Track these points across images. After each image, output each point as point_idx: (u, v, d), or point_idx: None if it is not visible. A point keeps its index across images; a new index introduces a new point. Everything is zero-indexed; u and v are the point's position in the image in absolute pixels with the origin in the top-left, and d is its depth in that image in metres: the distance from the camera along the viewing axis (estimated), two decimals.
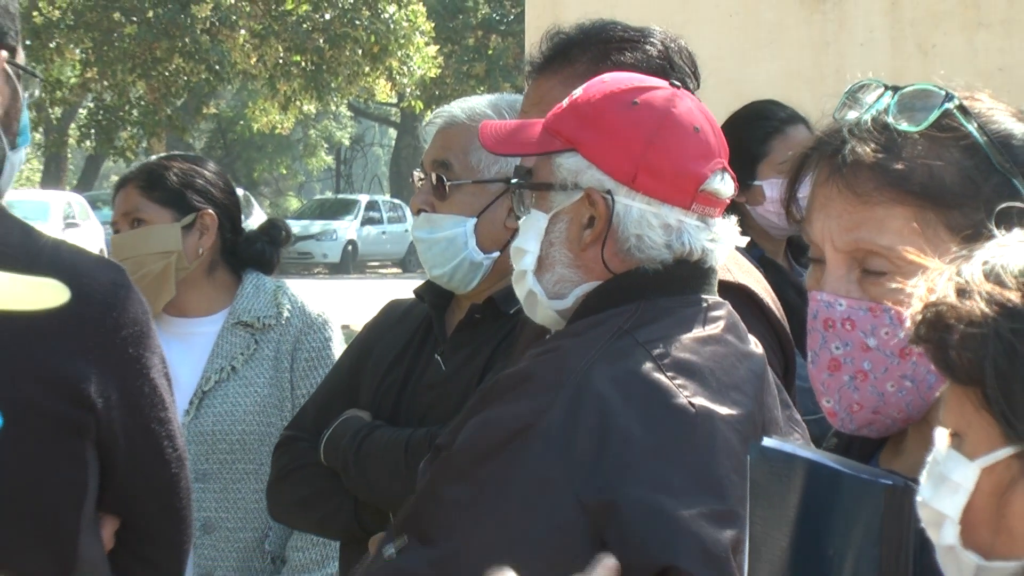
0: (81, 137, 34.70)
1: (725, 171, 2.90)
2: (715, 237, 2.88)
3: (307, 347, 4.55)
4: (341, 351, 4.34)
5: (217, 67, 29.59)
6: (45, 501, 2.43)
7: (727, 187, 2.89)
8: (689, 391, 2.70)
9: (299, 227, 38.05)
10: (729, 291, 3.38)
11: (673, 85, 2.97)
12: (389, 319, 4.04)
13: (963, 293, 1.73)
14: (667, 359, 2.73)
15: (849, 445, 2.24)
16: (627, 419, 2.65)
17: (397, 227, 44.04)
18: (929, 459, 1.79)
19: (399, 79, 31.33)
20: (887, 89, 2.19)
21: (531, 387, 2.73)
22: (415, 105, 34.63)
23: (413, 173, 3.96)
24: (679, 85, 2.98)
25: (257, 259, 4.69)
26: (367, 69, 30.03)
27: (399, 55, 29.84)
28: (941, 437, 1.78)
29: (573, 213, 2.85)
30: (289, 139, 59.52)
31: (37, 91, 3.09)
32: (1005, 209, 1.97)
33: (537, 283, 2.89)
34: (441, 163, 3.76)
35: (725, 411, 2.72)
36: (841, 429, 2.21)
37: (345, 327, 4.77)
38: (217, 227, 4.60)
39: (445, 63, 38.41)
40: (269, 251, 4.73)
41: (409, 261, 42.13)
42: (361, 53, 29.55)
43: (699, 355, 2.77)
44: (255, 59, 30.13)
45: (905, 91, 2.17)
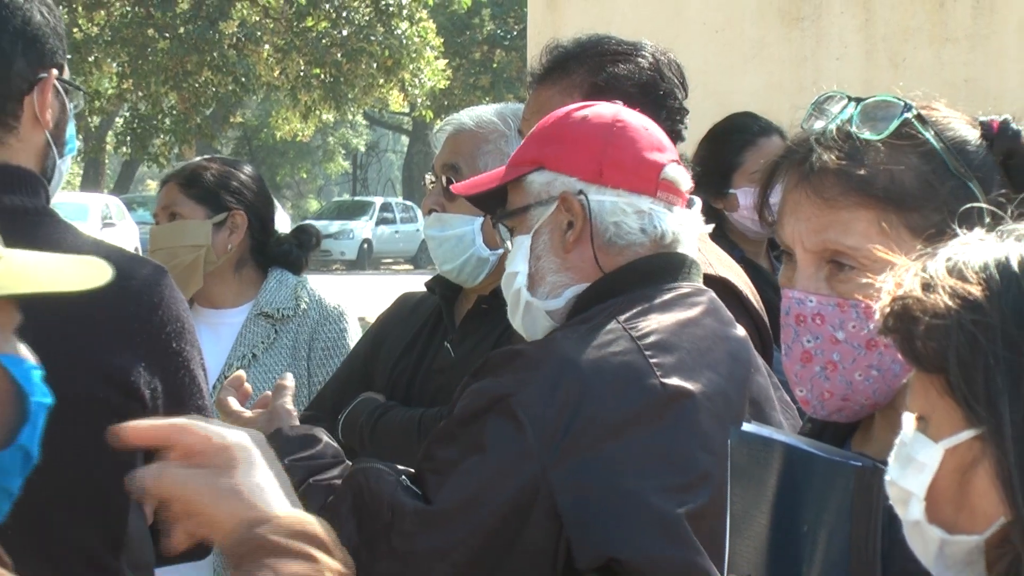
0: (118, 144, 34.67)
1: (678, 164, 2.92)
2: (682, 222, 2.91)
3: (323, 337, 4.56)
4: (356, 341, 4.35)
5: (243, 79, 29.53)
6: (99, 483, 2.45)
7: (684, 177, 2.93)
8: (664, 370, 2.71)
9: (318, 227, 37.90)
10: (711, 284, 3.39)
11: (612, 102, 3.00)
12: (402, 310, 4.05)
13: (928, 287, 1.73)
14: (647, 340, 2.74)
15: (822, 430, 2.24)
16: (600, 397, 2.67)
17: (409, 227, 43.99)
18: (897, 441, 1.79)
19: (411, 90, 31.26)
20: (850, 100, 2.19)
21: (517, 363, 2.75)
22: (426, 114, 34.54)
23: (425, 176, 3.97)
24: (619, 102, 3.01)
25: (284, 259, 4.71)
26: (381, 81, 29.96)
27: (411, 68, 29.77)
28: (908, 421, 1.79)
29: (552, 223, 2.87)
30: (309, 146, 59.41)
31: (82, 103, 3.10)
32: (966, 210, 1.97)
33: (532, 296, 2.90)
34: (451, 167, 3.77)
35: (698, 389, 2.73)
36: (814, 416, 2.21)
37: (361, 319, 4.78)
38: (247, 227, 4.62)
39: (453, 75, 38.33)
40: (296, 253, 4.74)
41: (420, 258, 42.07)
42: (376, 66, 29.49)
43: (677, 336, 2.78)
44: (278, 72, 30.08)
45: (867, 102, 2.18)
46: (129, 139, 31.96)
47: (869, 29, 8.19)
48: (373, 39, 29.19)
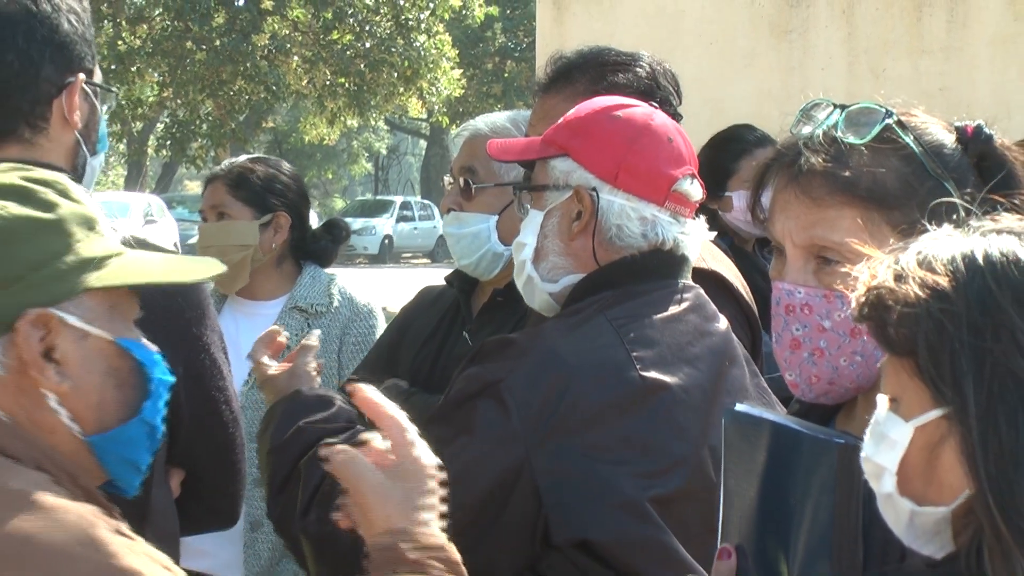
0: (158, 147, 34.63)
1: (694, 177, 2.91)
2: (686, 231, 2.89)
3: (354, 332, 4.56)
4: None
5: (274, 88, 29.50)
6: None
7: (696, 190, 2.91)
8: (644, 364, 2.71)
9: None
10: (705, 277, 3.40)
11: (652, 105, 2.98)
12: (423, 302, 4.05)
13: (900, 278, 1.75)
14: (631, 335, 2.73)
15: (809, 410, 2.24)
16: (582, 387, 2.66)
17: (427, 224, 43.93)
18: (872, 420, 1.80)
19: (428, 98, 31.23)
20: (836, 107, 2.19)
21: (508, 351, 2.74)
22: (442, 120, 34.54)
23: (443, 178, 3.96)
24: (656, 105, 3.00)
25: (319, 254, 4.71)
26: (401, 89, 29.93)
27: (428, 78, 29.74)
28: (882, 402, 1.80)
29: (564, 209, 2.86)
30: (335, 149, 59.34)
31: (114, 103, 3.10)
32: (936, 208, 1.97)
33: (534, 269, 2.90)
34: (468, 169, 3.76)
35: (675, 382, 2.72)
36: (801, 398, 2.21)
37: (384, 308, 4.77)
38: (289, 226, 4.62)
39: (468, 84, 38.29)
40: (331, 248, 4.75)
41: (437, 253, 42.01)
42: (396, 76, 29.46)
43: (659, 332, 2.77)
44: (306, 81, 30.06)
45: (851, 109, 2.17)
46: (169, 143, 31.95)
47: (852, 42, 8.18)
48: (394, 51, 29.17)
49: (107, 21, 28.40)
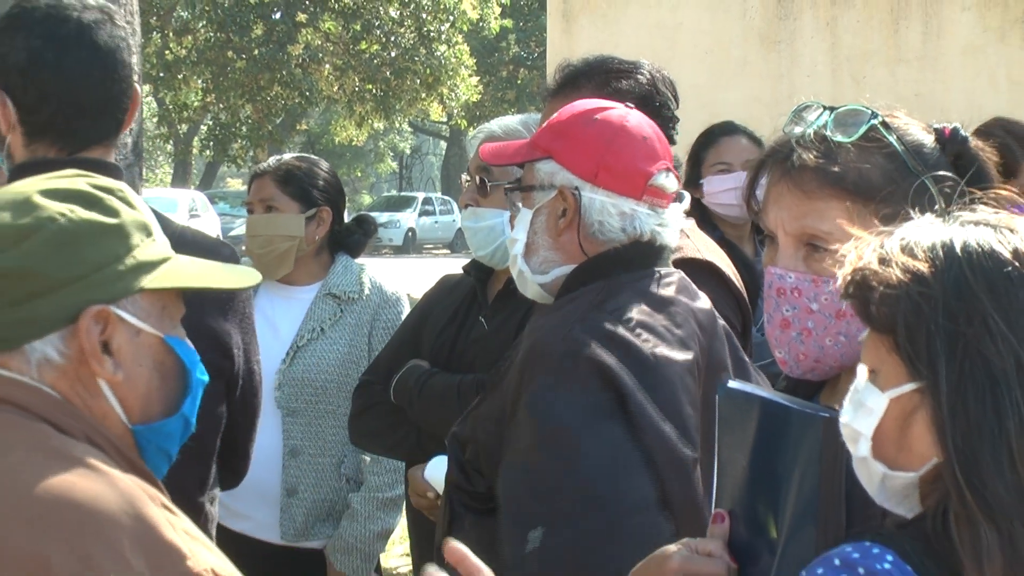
0: (202, 147, 34.72)
1: (669, 171, 2.90)
2: (663, 222, 2.88)
3: (384, 318, 4.56)
4: None
5: (307, 93, 29.55)
6: (199, 431, 2.46)
7: (671, 183, 2.89)
8: (651, 344, 2.70)
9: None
10: (700, 267, 3.39)
11: (627, 106, 2.97)
12: (443, 289, 4.05)
13: (884, 262, 1.75)
14: (632, 321, 2.72)
15: (796, 386, 2.24)
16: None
17: (447, 218, 43.88)
18: (851, 388, 1.81)
19: (448, 103, 31.27)
20: (825, 109, 2.18)
21: (538, 365, 2.70)
22: (461, 123, 34.62)
23: (461, 176, 3.96)
24: (632, 106, 2.99)
25: (351, 246, 4.72)
26: (423, 95, 29.96)
27: (448, 84, 29.77)
28: (862, 372, 1.80)
29: (550, 207, 2.86)
30: (363, 149, 59.42)
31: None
32: (920, 193, 1.96)
33: (525, 264, 2.89)
34: (484, 168, 3.76)
35: (679, 358, 2.72)
36: (790, 374, 2.20)
37: (407, 295, 4.77)
38: (330, 220, 4.63)
39: (484, 90, 38.28)
40: (362, 240, 4.76)
41: (456, 244, 41.99)
42: (419, 83, 29.50)
43: (656, 315, 2.76)
44: (337, 87, 30.10)
45: (839, 110, 2.17)
46: (212, 144, 32.02)
47: (835, 51, 8.17)
48: (417, 60, 29.21)
49: (156, 33, 28.45)
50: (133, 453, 2.00)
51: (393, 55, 29.49)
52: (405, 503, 4.14)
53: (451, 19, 29.49)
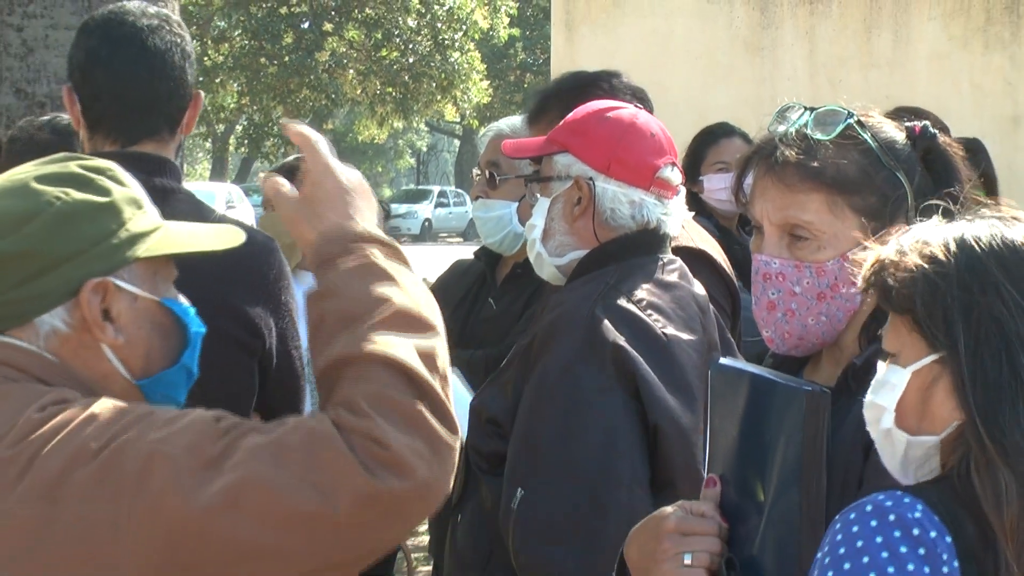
0: (237, 145, 34.82)
1: (674, 165, 2.91)
2: (668, 211, 2.89)
3: None
4: None
5: (333, 96, 29.60)
6: (230, 402, 2.45)
7: (675, 176, 2.91)
8: (661, 323, 2.71)
9: (390, 209, 37.94)
10: (694, 255, 3.39)
11: (636, 106, 2.97)
12: (455, 273, 4.05)
13: (902, 253, 1.78)
14: (644, 302, 2.73)
15: (782, 362, 2.23)
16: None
17: (460, 209, 43.87)
18: (873, 380, 1.82)
19: (461, 105, 31.30)
20: (806, 109, 2.18)
21: (561, 336, 2.70)
22: (472, 123, 34.63)
23: (472, 171, 3.95)
24: (640, 106, 3.00)
25: None
26: (439, 97, 30.00)
27: (461, 88, 29.80)
28: (881, 365, 1.81)
29: (566, 196, 2.87)
30: (383, 147, 59.43)
31: None
32: (926, 207, 1.97)
33: (543, 247, 2.90)
34: (493, 163, 3.76)
35: (687, 337, 2.73)
36: (776, 351, 2.20)
37: (423, 279, 4.75)
38: None
39: (494, 94, 38.28)
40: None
41: (468, 233, 41.93)
42: (435, 86, 29.53)
43: (665, 298, 2.77)
44: (360, 90, 30.12)
45: (819, 111, 2.16)
46: (246, 142, 32.10)
47: (813, 58, 8.16)
48: (432, 65, 29.24)
49: (195, 40, 28.44)
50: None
51: (411, 61, 29.51)
52: None
53: (464, 28, 29.50)
